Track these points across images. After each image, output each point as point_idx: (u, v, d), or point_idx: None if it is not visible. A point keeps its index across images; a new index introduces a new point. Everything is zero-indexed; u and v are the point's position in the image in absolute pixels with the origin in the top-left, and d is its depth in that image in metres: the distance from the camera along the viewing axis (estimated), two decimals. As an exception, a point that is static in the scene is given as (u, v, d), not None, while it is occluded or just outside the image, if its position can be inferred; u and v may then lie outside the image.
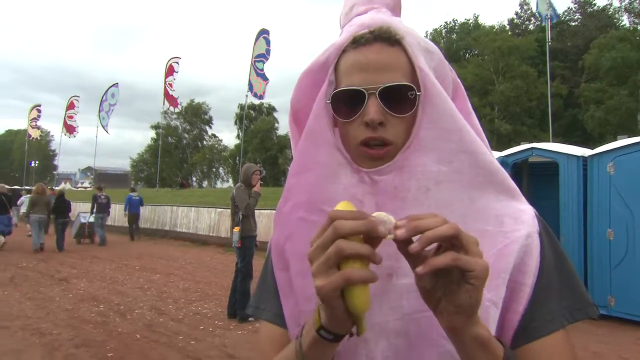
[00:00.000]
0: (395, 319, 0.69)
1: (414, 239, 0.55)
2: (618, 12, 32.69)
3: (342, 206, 0.59)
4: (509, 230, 0.70)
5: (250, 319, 5.78)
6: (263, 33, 21.54)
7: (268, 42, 21.34)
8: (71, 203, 14.12)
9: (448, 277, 0.56)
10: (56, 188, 21.87)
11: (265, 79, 21.20)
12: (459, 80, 0.80)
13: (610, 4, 33.50)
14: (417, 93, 0.70)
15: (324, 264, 0.55)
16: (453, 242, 0.54)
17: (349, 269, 0.54)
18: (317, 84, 0.76)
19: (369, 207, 0.71)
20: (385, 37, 0.71)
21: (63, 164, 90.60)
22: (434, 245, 0.55)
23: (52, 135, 67.96)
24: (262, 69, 21.27)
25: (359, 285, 0.55)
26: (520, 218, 0.72)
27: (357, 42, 0.72)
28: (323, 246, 0.55)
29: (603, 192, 6.07)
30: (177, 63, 27.14)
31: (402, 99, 0.70)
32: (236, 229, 5.88)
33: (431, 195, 0.70)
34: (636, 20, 30.68)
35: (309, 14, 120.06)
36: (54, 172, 56.98)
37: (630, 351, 4.92)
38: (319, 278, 0.55)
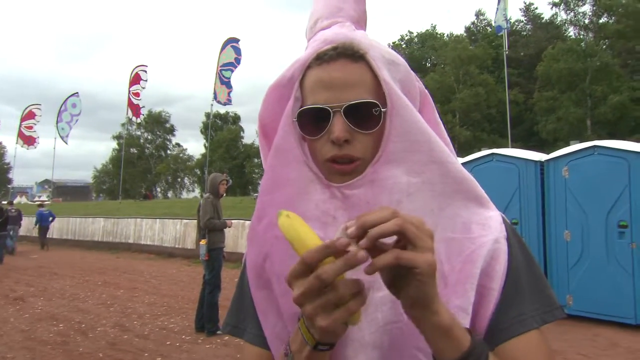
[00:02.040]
0: (371, 332, 0.69)
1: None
2: (564, 25, 34.62)
3: (285, 218, 0.59)
4: (476, 237, 0.71)
5: (218, 332, 5.67)
6: (232, 42, 21.32)
7: (238, 51, 21.15)
8: (9, 217, 14.93)
9: (399, 272, 0.55)
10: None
11: (229, 87, 21.02)
12: (426, 90, 0.81)
13: (556, 15, 35.46)
14: (382, 109, 0.70)
15: (322, 307, 0.55)
16: (400, 237, 0.54)
17: (351, 303, 0.55)
18: (284, 99, 0.76)
19: (342, 222, 0.70)
20: (349, 54, 0.71)
21: (20, 178, 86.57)
22: (393, 238, 0.55)
23: (4, 147, 64.84)
24: (229, 77, 21.10)
25: None
26: (487, 224, 0.72)
27: (320, 58, 0.72)
28: (311, 293, 0.55)
29: (559, 195, 6.35)
30: (145, 71, 26.40)
31: (367, 115, 0.70)
32: (203, 242, 5.78)
33: (403, 207, 0.69)
34: (581, 32, 32.47)
35: (276, 23, 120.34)
36: (9, 186, 54.26)
37: (588, 347, 5.13)
38: (321, 318, 0.55)
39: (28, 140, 29.83)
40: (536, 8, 42.00)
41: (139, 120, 31.26)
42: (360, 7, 0.84)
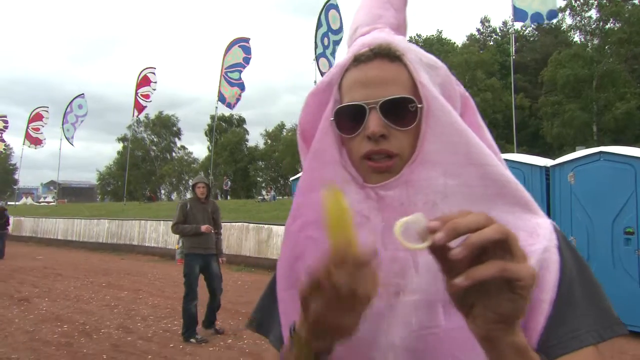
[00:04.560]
0: (403, 336, 0.67)
1: (453, 242, 0.50)
2: (570, 31, 34.45)
3: (330, 197, 0.56)
4: (523, 245, 0.65)
5: (191, 340, 5.57)
6: (240, 42, 21.26)
7: (247, 50, 21.04)
8: (10, 217, 15.66)
9: (487, 284, 0.50)
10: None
11: (242, 87, 20.98)
12: (467, 94, 0.80)
13: (563, 20, 35.25)
14: (419, 105, 0.70)
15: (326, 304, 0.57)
16: (501, 246, 0.49)
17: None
18: (323, 104, 0.78)
19: (375, 222, 0.71)
20: (385, 54, 0.72)
21: (26, 178, 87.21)
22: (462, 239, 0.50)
23: (11, 148, 65.33)
24: (239, 78, 21.00)
25: None
26: (535, 232, 0.68)
27: (358, 60, 0.74)
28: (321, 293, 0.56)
29: (565, 201, 6.32)
30: (154, 73, 26.57)
31: (403, 111, 0.70)
32: (177, 247, 5.76)
33: (439, 209, 0.67)
34: (588, 37, 32.31)
35: (283, 28, 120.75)
36: (14, 187, 54.57)
37: (594, 355, 5.08)
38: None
39: (35, 141, 30.08)
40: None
41: (139, 117, 31.40)
42: (401, 16, 0.85)
